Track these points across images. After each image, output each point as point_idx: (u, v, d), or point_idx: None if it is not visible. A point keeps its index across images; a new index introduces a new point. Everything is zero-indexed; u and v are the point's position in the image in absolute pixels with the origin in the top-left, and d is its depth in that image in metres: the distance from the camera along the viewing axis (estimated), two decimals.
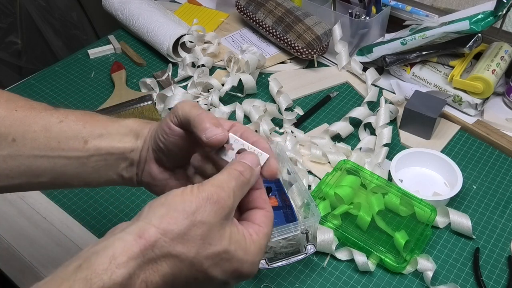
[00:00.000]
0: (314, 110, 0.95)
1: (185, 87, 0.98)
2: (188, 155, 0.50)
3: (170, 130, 0.47)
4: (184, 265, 0.37)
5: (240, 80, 0.96)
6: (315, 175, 0.82)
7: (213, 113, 0.88)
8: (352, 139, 0.89)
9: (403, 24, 1.03)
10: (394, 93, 0.99)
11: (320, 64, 1.07)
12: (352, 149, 0.86)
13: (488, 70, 0.89)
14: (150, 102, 0.92)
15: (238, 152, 0.44)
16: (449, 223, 0.74)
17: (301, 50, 1.02)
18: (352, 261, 0.70)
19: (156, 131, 0.49)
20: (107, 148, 0.50)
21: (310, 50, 1.01)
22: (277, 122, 0.91)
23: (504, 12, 0.85)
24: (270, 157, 0.44)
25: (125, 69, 1.04)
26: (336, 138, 0.88)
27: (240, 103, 0.93)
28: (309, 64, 1.07)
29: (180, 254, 0.36)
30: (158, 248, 0.36)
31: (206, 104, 0.93)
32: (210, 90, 0.97)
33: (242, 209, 0.43)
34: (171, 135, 0.47)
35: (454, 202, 0.79)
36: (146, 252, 0.35)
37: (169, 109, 0.88)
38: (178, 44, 1.05)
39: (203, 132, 0.43)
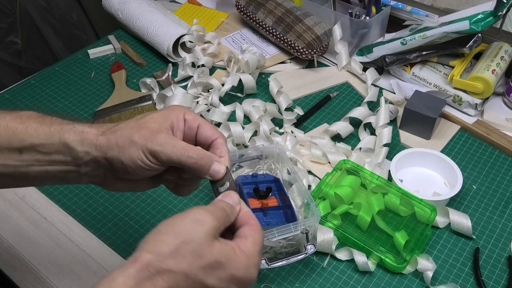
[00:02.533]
0: (314, 110, 0.95)
1: (185, 87, 0.98)
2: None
3: (152, 168, 0.48)
4: (180, 278, 0.40)
5: (240, 80, 0.96)
6: (315, 175, 0.82)
7: (213, 113, 0.88)
8: (352, 139, 0.89)
9: (403, 24, 1.03)
10: (394, 93, 0.99)
11: (320, 64, 1.07)
12: (352, 149, 0.86)
13: (488, 70, 0.89)
14: (150, 102, 0.92)
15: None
16: (449, 223, 0.74)
17: (301, 50, 1.02)
18: (352, 261, 0.70)
19: (122, 165, 0.48)
20: (45, 160, 0.49)
21: (310, 50, 1.01)
22: (277, 122, 0.91)
23: (504, 12, 0.85)
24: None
25: (125, 69, 1.04)
26: (336, 138, 0.88)
27: (240, 103, 0.93)
28: (309, 64, 1.07)
29: (173, 269, 0.39)
30: (152, 267, 0.39)
31: (206, 104, 0.93)
32: (210, 90, 0.97)
33: (233, 231, 0.46)
34: (151, 171, 0.48)
35: (454, 202, 0.79)
36: (141, 272, 0.38)
37: None
38: (178, 44, 1.05)
39: (207, 174, 0.49)
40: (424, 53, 0.95)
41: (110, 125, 0.50)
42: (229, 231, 0.46)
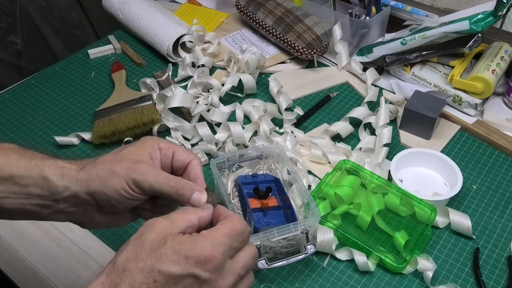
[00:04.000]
0: (314, 110, 0.95)
1: (185, 87, 0.98)
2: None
3: (135, 198, 0.49)
4: (135, 273, 0.40)
5: (240, 80, 0.96)
6: (315, 175, 0.82)
7: (213, 113, 0.88)
8: (352, 139, 0.89)
9: (403, 24, 1.03)
10: (394, 93, 0.99)
11: (320, 64, 1.07)
12: (352, 149, 0.86)
13: (488, 70, 0.89)
14: (150, 102, 0.92)
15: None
16: (449, 223, 0.74)
17: (301, 50, 1.02)
18: (352, 261, 0.70)
19: (106, 197, 0.48)
20: (22, 192, 0.49)
21: (310, 50, 1.01)
22: (277, 122, 0.91)
23: (504, 12, 0.85)
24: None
25: (125, 69, 1.04)
26: (336, 138, 0.88)
27: (240, 103, 0.93)
28: (309, 64, 1.07)
29: (125, 267, 0.40)
30: (110, 273, 0.41)
31: (206, 104, 0.93)
32: (210, 90, 0.97)
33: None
34: (134, 202, 0.49)
35: (454, 202, 0.79)
36: (101, 280, 0.40)
37: (169, 109, 0.88)
38: (178, 44, 1.05)
39: (188, 203, 0.48)
40: (424, 53, 0.95)
41: (89, 160, 0.50)
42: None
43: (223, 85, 0.95)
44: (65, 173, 0.49)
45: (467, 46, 0.89)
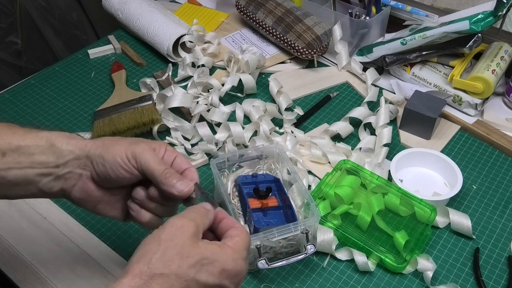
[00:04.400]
0: (314, 110, 0.95)
1: (185, 87, 0.98)
2: (129, 184, 0.54)
3: (128, 169, 0.52)
4: (172, 279, 0.42)
5: (240, 80, 0.96)
6: (315, 175, 0.82)
7: (213, 113, 0.88)
8: (352, 139, 0.89)
9: (403, 24, 1.03)
10: (394, 93, 0.99)
11: (320, 64, 1.07)
12: (352, 149, 0.86)
13: (488, 70, 0.89)
14: (150, 102, 0.92)
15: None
16: (449, 223, 0.74)
17: (301, 50, 1.02)
18: (352, 261, 0.70)
19: (102, 161, 0.52)
20: (27, 162, 0.51)
21: (310, 50, 1.01)
22: (277, 122, 0.91)
23: (504, 12, 0.85)
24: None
25: (125, 69, 1.04)
26: (336, 138, 0.88)
27: (240, 103, 0.93)
28: (309, 64, 1.07)
29: (164, 272, 0.42)
30: (144, 274, 0.42)
31: (206, 104, 0.93)
32: (210, 90, 0.97)
33: (219, 236, 0.49)
34: (127, 173, 0.52)
35: (454, 202, 0.79)
36: (134, 281, 0.41)
37: (169, 109, 0.88)
38: (178, 44, 1.05)
39: (173, 188, 0.51)
40: (424, 53, 0.95)
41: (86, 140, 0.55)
42: (215, 238, 0.49)
43: (223, 85, 0.95)
44: (70, 140, 0.53)
45: (467, 46, 0.89)
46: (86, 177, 0.54)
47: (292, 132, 0.89)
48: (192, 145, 0.87)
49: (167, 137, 0.88)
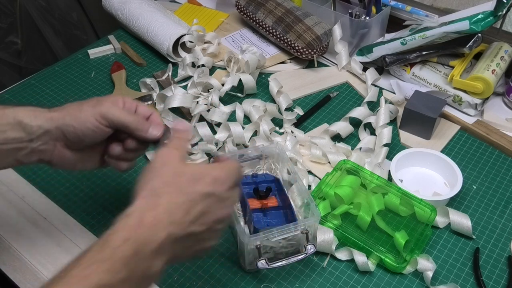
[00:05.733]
0: (314, 110, 0.95)
1: (185, 87, 0.98)
2: (102, 141, 0.60)
3: (100, 130, 0.57)
4: (176, 193, 0.49)
5: (240, 80, 0.96)
6: (315, 175, 0.82)
7: (213, 113, 0.88)
8: (352, 139, 0.89)
9: (403, 24, 1.03)
10: (394, 93, 0.99)
11: (320, 64, 1.07)
12: (352, 149, 0.86)
13: (488, 70, 0.89)
14: (150, 102, 0.92)
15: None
16: (449, 223, 0.74)
17: (301, 50, 1.02)
18: (352, 261, 0.70)
19: (73, 129, 0.56)
20: (0, 138, 0.55)
21: (310, 50, 1.01)
22: (277, 122, 0.91)
23: (504, 12, 0.85)
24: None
25: (125, 69, 1.04)
26: (336, 138, 0.88)
27: (240, 103, 0.93)
28: (309, 64, 1.07)
29: (166, 190, 0.49)
30: (151, 195, 0.48)
31: (206, 104, 0.93)
32: (210, 90, 0.97)
33: None
34: (100, 134, 0.57)
35: (454, 202, 0.79)
36: (145, 201, 0.48)
37: (169, 109, 0.88)
38: (178, 44, 1.05)
39: (147, 133, 0.59)
40: (424, 53, 0.95)
41: (58, 107, 0.58)
42: None
43: (223, 85, 0.95)
44: (37, 114, 0.56)
45: (467, 46, 0.89)
46: (60, 146, 0.58)
47: (292, 132, 0.89)
48: (192, 145, 0.87)
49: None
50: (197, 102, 0.94)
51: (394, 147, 0.88)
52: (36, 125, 0.56)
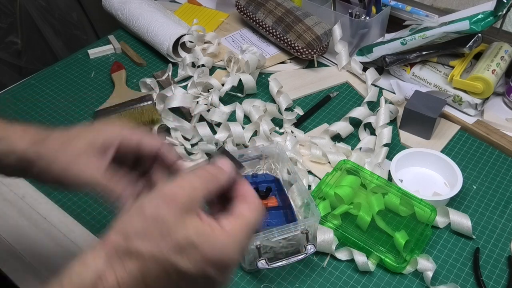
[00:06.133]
0: (314, 110, 0.95)
1: (185, 87, 0.98)
2: None
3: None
4: (149, 262, 0.36)
5: (240, 80, 0.96)
6: (315, 175, 0.82)
7: (213, 113, 0.88)
8: (352, 139, 0.89)
9: (403, 24, 1.03)
10: (394, 93, 0.99)
11: (320, 64, 1.07)
12: (352, 149, 0.86)
13: (488, 70, 0.89)
14: (150, 102, 0.92)
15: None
16: (449, 223, 0.74)
17: (301, 50, 1.02)
18: (352, 261, 0.70)
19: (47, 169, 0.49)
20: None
21: (310, 50, 1.01)
22: (277, 122, 0.91)
23: (504, 12, 0.85)
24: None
25: (125, 69, 1.04)
26: (336, 138, 0.88)
27: (240, 103, 0.93)
28: (309, 64, 1.07)
29: (141, 250, 0.36)
30: (120, 249, 0.36)
31: (206, 104, 0.93)
32: (210, 90, 0.97)
33: (227, 202, 0.42)
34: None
35: (454, 202, 0.79)
36: (111, 254, 0.36)
37: (169, 109, 0.88)
38: (178, 44, 1.05)
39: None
40: (424, 53, 0.95)
41: (42, 135, 0.51)
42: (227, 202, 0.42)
43: (223, 85, 0.95)
44: (11, 150, 0.50)
45: (467, 46, 0.89)
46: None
47: (292, 132, 0.89)
48: (192, 145, 0.87)
49: (167, 137, 0.88)
50: (197, 102, 0.94)
51: (394, 147, 0.88)
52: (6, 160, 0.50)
